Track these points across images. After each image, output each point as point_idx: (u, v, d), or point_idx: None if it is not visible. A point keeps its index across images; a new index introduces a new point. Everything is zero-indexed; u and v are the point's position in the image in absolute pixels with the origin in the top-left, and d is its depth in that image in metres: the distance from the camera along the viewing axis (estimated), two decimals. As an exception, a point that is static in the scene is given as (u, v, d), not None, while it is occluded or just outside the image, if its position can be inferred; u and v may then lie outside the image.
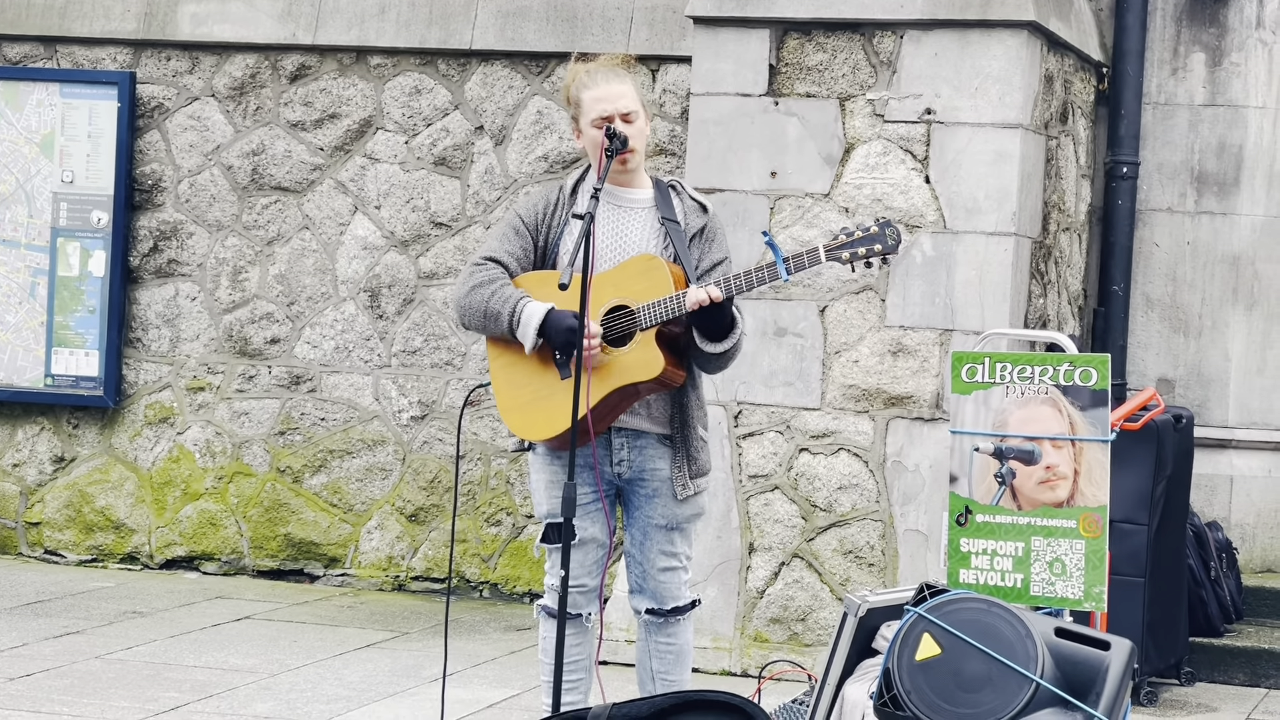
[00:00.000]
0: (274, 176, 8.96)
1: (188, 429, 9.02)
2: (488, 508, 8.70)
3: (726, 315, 5.14)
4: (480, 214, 8.71)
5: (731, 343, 5.19)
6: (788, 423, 7.38)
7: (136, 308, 9.07)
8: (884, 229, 5.16)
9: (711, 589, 7.34)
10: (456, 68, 8.78)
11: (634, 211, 5.31)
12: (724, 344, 5.18)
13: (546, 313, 5.12)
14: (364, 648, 7.47)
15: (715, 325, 5.13)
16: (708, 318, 5.10)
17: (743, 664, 7.32)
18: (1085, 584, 5.15)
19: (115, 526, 9.06)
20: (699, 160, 7.49)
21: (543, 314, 5.12)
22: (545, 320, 5.12)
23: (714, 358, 5.20)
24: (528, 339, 5.14)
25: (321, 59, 8.92)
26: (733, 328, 5.17)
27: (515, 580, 8.66)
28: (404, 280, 8.81)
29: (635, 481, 5.29)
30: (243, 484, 8.96)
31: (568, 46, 8.49)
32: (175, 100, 9.05)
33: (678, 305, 5.08)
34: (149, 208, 9.07)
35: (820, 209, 7.37)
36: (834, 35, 7.40)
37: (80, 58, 9.13)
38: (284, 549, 8.91)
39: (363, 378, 8.85)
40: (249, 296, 8.98)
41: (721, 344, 5.17)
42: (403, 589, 8.76)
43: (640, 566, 5.34)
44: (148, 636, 7.45)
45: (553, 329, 5.10)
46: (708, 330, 5.14)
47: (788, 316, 7.39)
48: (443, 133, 8.79)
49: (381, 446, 8.83)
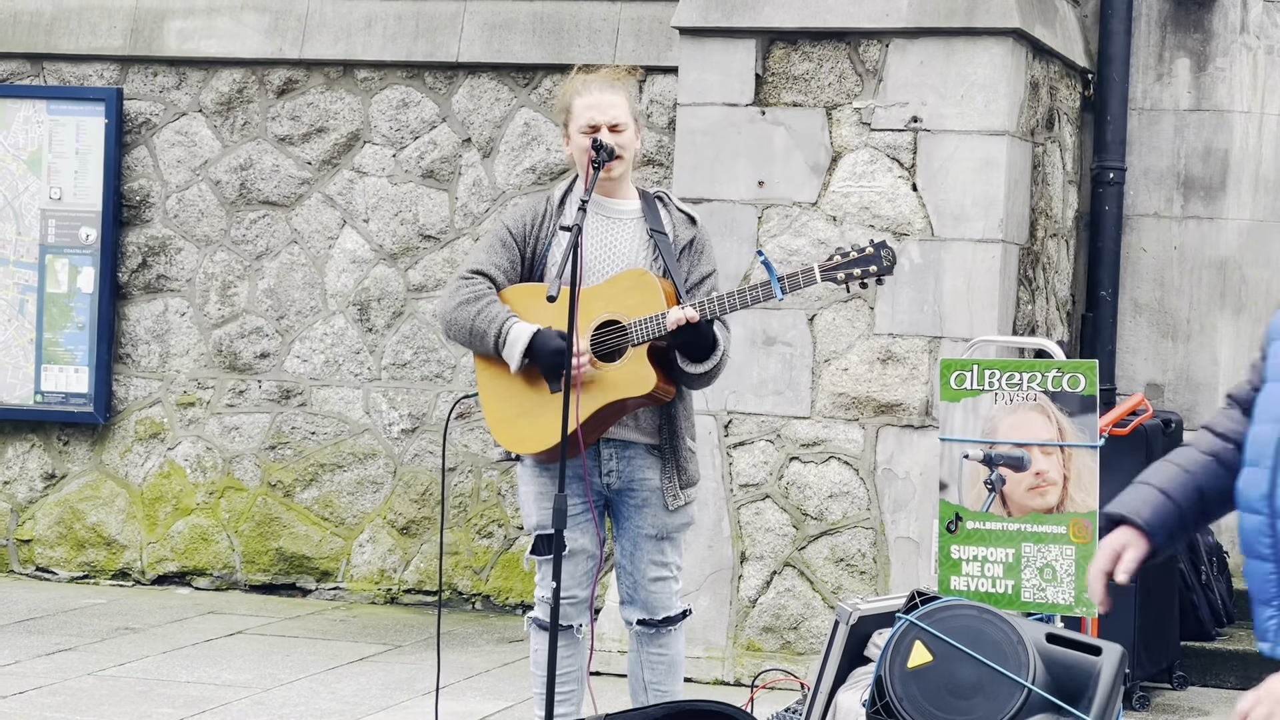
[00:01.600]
0: (262, 191, 8.96)
1: (178, 444, 9.01)
2: (479, 520, 8.69)
3: (708, 337, 5.14)
4: (469, 226, 8.72)
5: (712, 364, 5.18)
6: (778, 431, 7.39)
7: (126, 324, 9.06)
8: (879, 250, 5.17)
9: (704, 598, 7.34)
10: (444, 80, 8.79)
11: (622, 223, 5.32)
12: (704, 365, 5.18)
13: (533, 334, 5.12)
14: (357, 661, 7.47)
15: (696, 346, 5.13)
16: (689, 338, 5.10)
17: (735, 673, 7.32)
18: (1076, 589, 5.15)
19: (107, 543, 9.05)
20: (686, 170, 7.50)
21: (529, 335, 5.12)
22: (532, 341, 5.12)
23: (695, 377, 5.20)
24: (514, 360, 5.14)
25: (308, 73, 8.92)
26: (714, 349, 5.17)
27: (508, 592, 8.66)
28: (393, 293, 8.81)
29: (624, 492, 5.29)
30: (234, 499, 8.95)
31: (554, 58, 8.50)
32: (162, 116, 9.05)
33: (659, 325, 5.09)
34: (137, 223, 9.06)
35: (808, 218, 7.38)
36: (820, 44, 7.41)
37: (67, 74, 9.13)
38: (276, 563, 8.90)
39: (353, 391, 8.85)
40: (238, 311, 8.98)
41: (701, 365, 5.17)
42: (395, 602, 8.75)
43: (631, 577, 5.34)
44: (140, 653, 7.44)
45: (540, 350, 5.10)
46: (689, 350, 5.14)
47: (776, 325, 7.40)
48: (430, 145, 8.79)
49: (372, 460, 8.83)
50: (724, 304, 5.09)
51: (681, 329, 5.06)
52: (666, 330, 5.07)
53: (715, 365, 5.20)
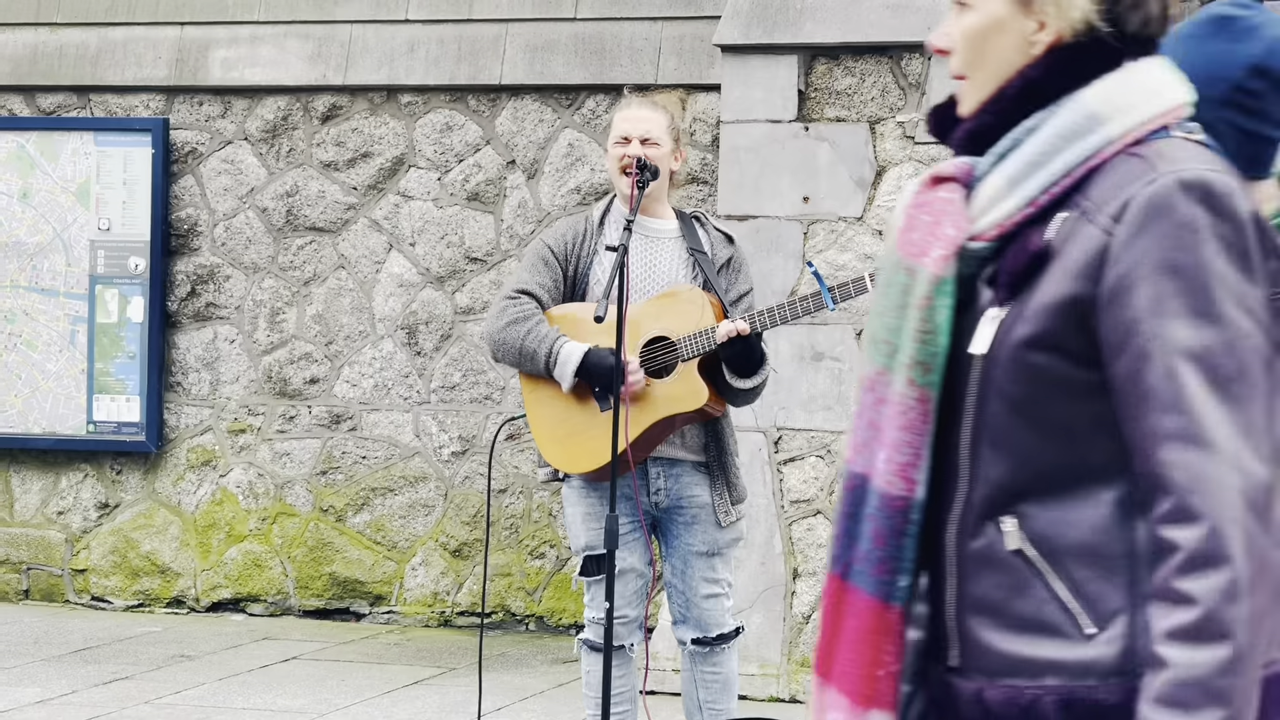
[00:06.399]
0: (308, 217, 8.99)
1: (230, 471, 9.04)
2: (531, 540, 8.69)
3: (756, 350, 5.13)
4: (514, 248, 8.73)
5: (760, 379, 5.18)
6: (828, 447, 7.36)
7: (176, 352, 9.11)
8: None
9: (757, 616, 7.31)
10: (487, 103, 8.80)
11: (662, 242, 5.32)
12: (752, 380, 5.16)
13: (585, 353, 5.12)
14: (411, 685, 7.47)
15: (745, 360, 5.12)
16: (738, 350, 5.09)
17: (791, 690, 7.29)
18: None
19: (161, 571, 9.08)
20: (731, 187, 7.49)
21: (581, 354, 5.12)
22: (584, 360, 5.11)
23: (740, 393, 5.19)
24: (565, 379, 5.13)
25: (352, 99, 8.95)
26: (762, 363, 5.17)
27: (561, 613, 8.64)
28: (441, 316, 8.83)
29: (673, 510, 5.28)
30: (286, 524, 8.98)
31: (596, 79, 8.51)
32: (209, 145, 9.10)
33: (709, 340, 5.08)
34: (185, 252, 9.11)
35: (854, 232, 7.36)
36: (862, 59, 7.39)
37: (113, 105, 9.19)
38: (329, 588, 8.91)
39: (402, 415, 8.86)
40: (287, 337, 9.01)
41: (748, 380, 5.16)
42: (448, 624, 8.75)
43: (683, 595, 5.32)
44: (196, 680, 7.46)
45: (594, 369, 5.09)
46: (736, 365, 5.13)
47: (824, 340, 7.38)
48: (475, 168, 8.81)
49: (423, 483, 8.83)
50: (775, 316, 5.08)
51: (732, 341, 5.06)
52: (716, 344, 5.07)
53: (763, 380, 5.19)
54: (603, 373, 5.07)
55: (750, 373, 5.15)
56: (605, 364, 5.06)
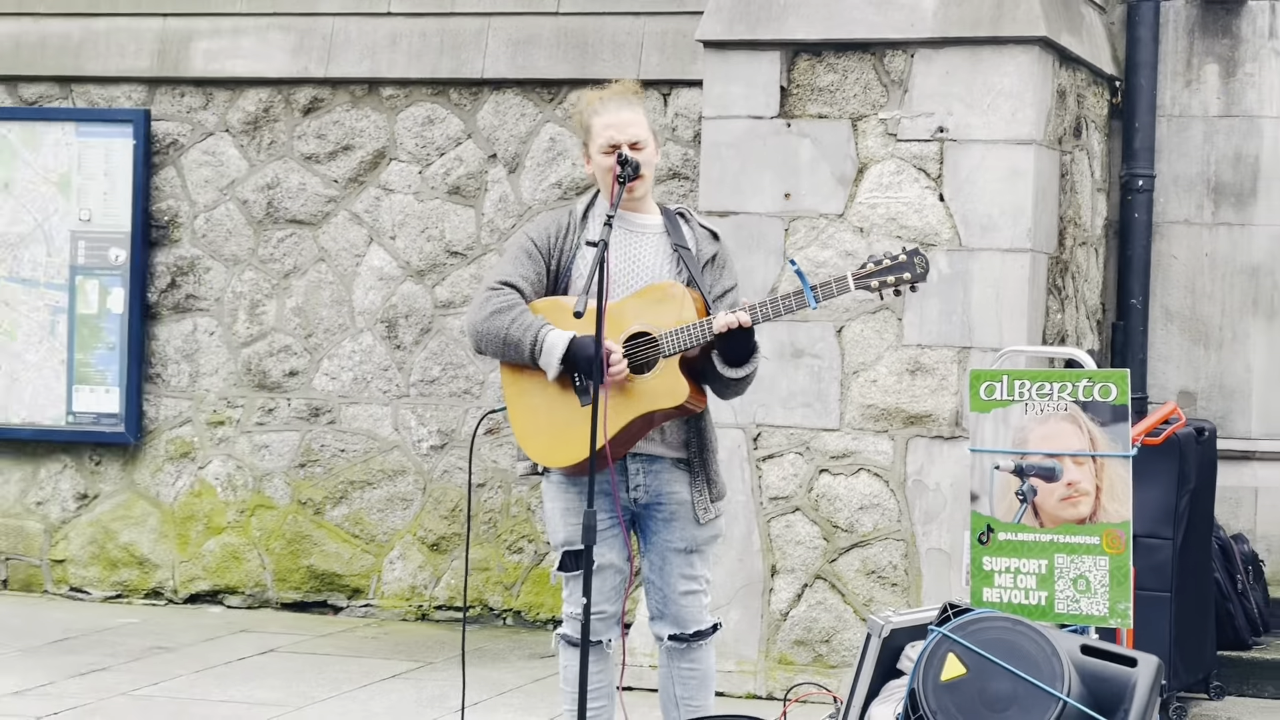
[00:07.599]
0: (289, 210, 8.98)
1: (209, 463, 9.03)
2: (509, 535, 8.69)
3: (751, 340, 5.16)
4: (495, 242, 8.72)
5: (752, 368, 5.21)
6: (807, 444, 7.37)
7: (155, 343, 9.09)
8: (912, 257, 5.17)
9: (734, 612, 7.32)
10: (469, 97, 8.80)
11: (646, 237, 5.32)
12: (744, 369, 5.19)
13: (570, 340, 5.12)
14: (389, 678, 7.47)
15: (739, 350, 5.14)
16: (733, 343, 5.11)
17: (768, 687, 7.30)
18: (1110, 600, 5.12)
19: (139, 562, 9.07)
20: (712, 183, 7.49)
21: (566, 342, 5.12)
22: (570, 348, 5.11)
23: (732, 383, 5.21)
24: (551, 367, 5.13)
25: (334, 91, 8.94)
26: (754, 353, 5.20)
27: (539, 607, 8.65)
28: (421, 310, 8.82)
29: (652, 506, 5.28)
30: (264, 517, 8.97)
31: (579, 73, 8.51)
32: (190, 136, 9.08)
33: (705, 330, 5.09)
34: (166, 244, 9.09)
35: (835, 229, 7.36)
36: (844, 56, 7.40)
37: (95, 96, 9.17)
38: (307, 581, 8.91)
39: (381, 408, 8.86)
40: (267, 330, 9.00)
41: (742, 369, 5.18)
42: (426, 618, 8.75)
43: (660, 592, 5.33)
44: (173, 672, 7.45)
45: (579, 356, 5.10)
46: (730, 355, 5.15)
47: (805, 338, 7.38)
48: (456, 162, 8.80)
49: (402, 476, 8.83)
50: (758, 313, 5.11)
51: (731, 332, 5.07)
52: (713, 335, 5.08)
53: (754, 369, 5.21)
54: (588, 359, 5.07)
55: (742, 362, 5.17)
56: (590, 351, 5.06)
